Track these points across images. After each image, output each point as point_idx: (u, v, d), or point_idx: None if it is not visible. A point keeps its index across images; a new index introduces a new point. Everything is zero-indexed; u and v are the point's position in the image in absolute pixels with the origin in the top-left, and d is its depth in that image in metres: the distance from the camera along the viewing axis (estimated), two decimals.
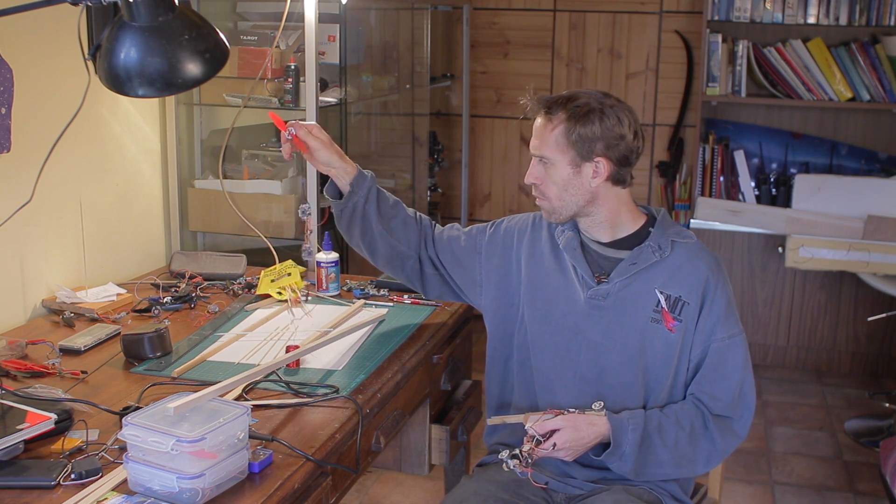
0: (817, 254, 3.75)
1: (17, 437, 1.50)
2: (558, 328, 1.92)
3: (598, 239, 1.92)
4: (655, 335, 1.85)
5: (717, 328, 1.85)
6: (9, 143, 2.11)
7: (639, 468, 1.80)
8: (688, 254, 1.88)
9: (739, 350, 1.86)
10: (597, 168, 1.83)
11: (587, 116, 1.80)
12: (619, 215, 1.90)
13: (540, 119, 1.85)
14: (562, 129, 1.81)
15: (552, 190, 1.85)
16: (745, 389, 1.87)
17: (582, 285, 1.89)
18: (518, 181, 4.60)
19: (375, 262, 2.10)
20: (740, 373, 1.86)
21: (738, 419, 1.87)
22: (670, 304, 1.85)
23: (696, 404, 1.86)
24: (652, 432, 1.79)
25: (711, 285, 1.86)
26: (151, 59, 1.62)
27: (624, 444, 1.77)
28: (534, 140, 1.86)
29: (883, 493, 3.04)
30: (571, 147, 1.81)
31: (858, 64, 3.87)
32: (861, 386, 4.14)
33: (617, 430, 1.77)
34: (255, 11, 3.09)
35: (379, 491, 3.18)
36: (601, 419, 1.78)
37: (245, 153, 3.07)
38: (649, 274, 1.86)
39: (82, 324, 2.22)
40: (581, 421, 1.77)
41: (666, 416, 1.83)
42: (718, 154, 4.08)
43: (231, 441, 1.44)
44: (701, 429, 1.84)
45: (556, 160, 1.82)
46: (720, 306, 1.86)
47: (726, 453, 1.88)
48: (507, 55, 4.52)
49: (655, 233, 1.89)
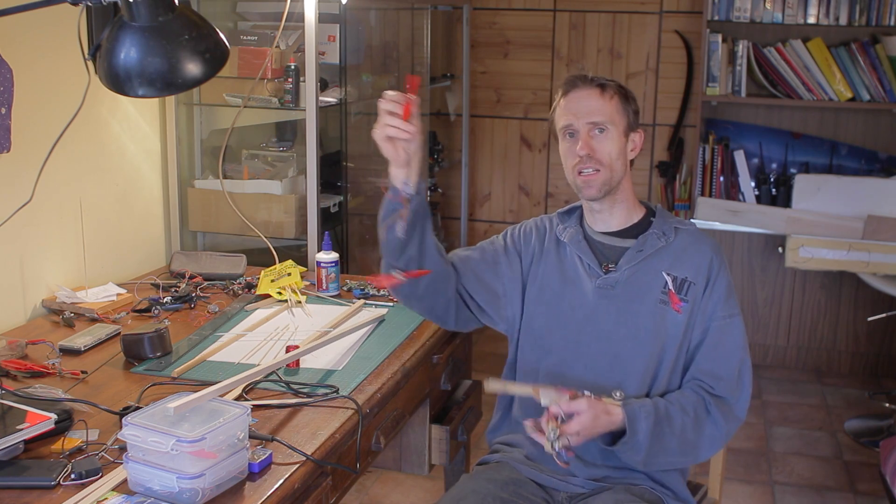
0: (817, 254, 3.75)
1: (17, 437, 1.50)
2: (566, 322, 1.92)
3: (606, 229, 1.95)
4: (664, 317, 1.87)
5: (719, 307, 1.88)
6: (9, 143, 2.11)
7: (649, 457, 1.80)
8: (690, 238, 1.93)
9: (739, 330, 1.90)
10: (635, 140, 1.94)
11: (630, 92, 1.95)
12: (633, 198, 1.97)
13: (590, 90, 1.90)
14: (619, 99, 1.90)
15: (607, 158, 1.88)
16: (743, 370, 1.90)
17: (590, 276, 1.92)
18: (518, 181, 4.60)
19: (418, 291, 1.95)
20: (740, 353, 1.89)
21: (736, 402, 1.88)
22: (677, 286, 1.88)
23: (696, 390, 1.87)
24: (662, 419, 1.79)
25: (716, 266, 1.90)
26: (151, 59, 1.62)
27: (639, 433, 1.76)
28: (584, 110, 1.88)
29: (883, 493, 3.04)
30: (626, 116, 1.91)
31: (858, 64, 3.87)
32: (861, 386, 4.14)
33: (631, 418, 1.76)
34: (255, 11, 3.09)
35: (379, 491, 3.18)
36: (618, 409, 1.76)
37: (245, 153, 3.07)
38: (656, 259, 1.90)
39: (82, 324, 2.22)
40: (600, 408, 1.75)
41: (671, 403, 1.83)
42: (718, 154, 4.08)
43: (231, 441, 1.44)
44: (704, 414, 1.84)
45: (614, 128, 1.89)
46: (722, 287, 1.89)
47: (729, 436, 1.89)
48: (507, 55, 4.52)
49: (658, 221, 1.95)
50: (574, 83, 1.91)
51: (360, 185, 3.60)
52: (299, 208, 2.86)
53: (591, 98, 1.89)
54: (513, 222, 2.21)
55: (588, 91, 1.89)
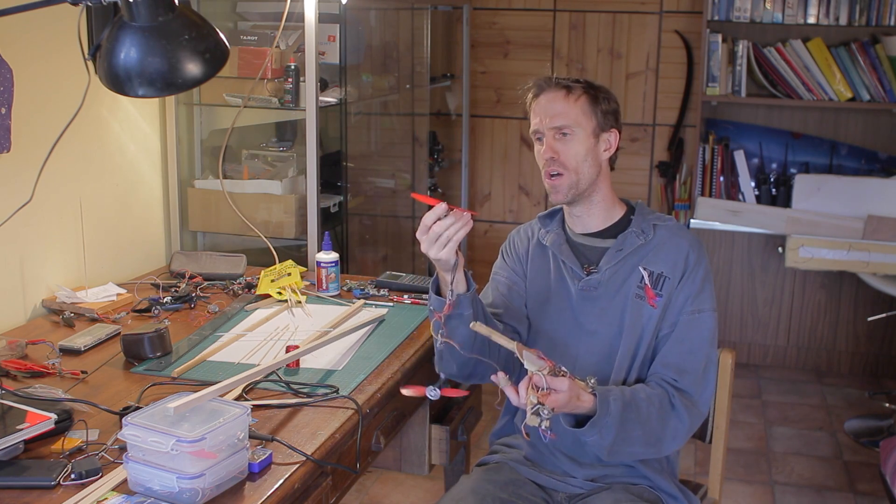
0: (817, 254, 3.75)
1: (17, 437, 1.50)
2: (553, 325, 1.94)
3: (586, 231, 1.95)
4: (640, 311, 1.87)
5: (689, 302, 1.87)
6: (9, 143, 2.11)
7: (615, 444, 1.75)
8: (669, 233, 1.93)
9: (707, 326, 1.88)
10: (609, 140, 1.91)
11: (603, 90, 1.92)
12: (612, 198, 1.96)
13: (555, 93, 1.89)
14: (586, 99, 1.88)
15: (572, 161, 1.87)
16: (708, 366, 1.89)
17: (573, 278, 1.93)
18: (518, 181, 4.60)
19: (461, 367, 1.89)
20: (706, 348, 1.88)
21: (699, 397, 1.87)
22: (653, 281, 1.88)
23: (659, 383, 1.85)
24: (629, 405, 1.75)
25: (692, 261, 1.89)
26: (151, 59, 1.62)
27: (610, 415, 1.71)
28: (548, 114, 1.88)
29: (883, 493, 3.04)
30: (594, 117, 1.88)
31: (858, 64, 3.87)
32: (861, 386, 4.14)
33: (602, 400, 1.72)
34: (255, 11, 3.09)
35: (379, 491, 3.18)
36: (588, 395, 1.71)
37: (245, 153, 3.07)
38: (635, 257, 1.91)
39: (82, 324, 2.22)
40: (576, 391, 1.69)
41: (636, 392, 1.80)
42: (718, 154, 4.08)
43: (231, 441, 1.44)
44: (668, 407, 1.82)
45: (580, 130, 1.87)
46: (695, 281, 1.88)
47: (692, 431, 1.87)
48: (507, 55, 4.52)
49: (637, 219, 1.95)
50: (541, 86, 1.91)
51: (360, 185, 3.61)
52: (299, 208, 2.86)
53: (555, 101, 1.88)
54: (513, 222, 2.21)
55: (553, 94, 1.89)
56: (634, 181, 4.43)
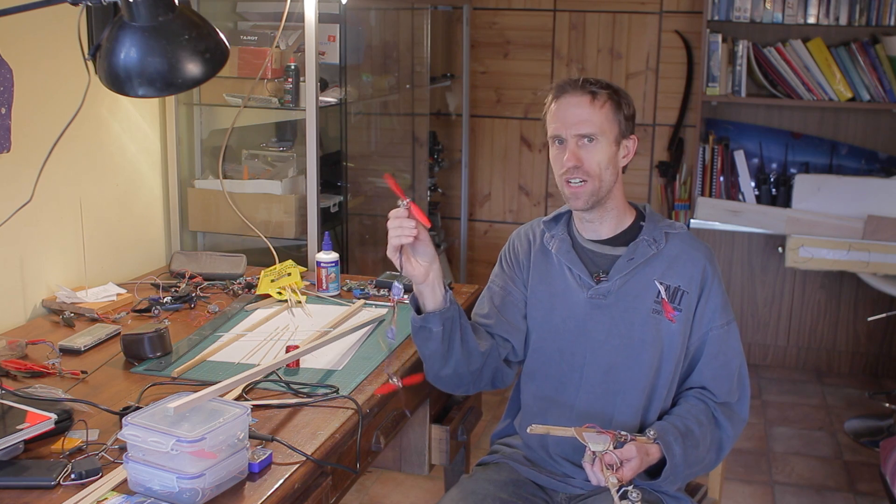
0: (817, 254, 3.75)
1: (17, 437, 1.50)
2: (559, 333, 1.91)
3: (596, 237, 1.92)
4: (658, 327, 1.85)
5: (717, 316, 1.87)
6: (9, 143, 2.11)
7: (685, 477, 1.83)
8: (682, 244, 1.90)
9: (735, 335, 1.90)
10: (628, 146, 1.88)
11: (624, 95, 1.87)
12: (624, 204, 1.92)
13: (579, 97, 1.83)
14: (610, 106, 1.83)
15: (595, 169, 1.82)
16: (742, 372, 1.91)
17: (581, 286, 1.89)
18: (518, 181, 4.60)
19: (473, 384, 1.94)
20: (739, 357, 1.90)
21: (738, 403, 1.89)
22: (670, 295, 1.85)
23: (699, 397, 1.87)
24: (686, 437, 1.78)
25: (710, 274, 1.88)
26: (151, 59, 1.62)
27: (676, 456, 1.75)
28: (572, 120, 1.82)
29: (883, 493, 3.04)
30: (617, 124, 1.84)
31: (858, 64, 3.87)
32: (861, 386, 4.14)
33: (667, 447, 1.74)
34: (255, 11, 3.09)
35: (379, 491, 3.18)
36: (655, 447, 1.74)
37: (245, 153, 3.07)
38: (648, 267, 1.87)
39: (82, 324, 2.22)
40: (643, 450, 1.72)
41: (685, 419, 1.82)
42: (718, 154, 4.08)
43: (231, 441, 1.44)
44: (712, 421, 1.86)
45: (603, 137, 1.83)
46: (717, 294, 1.88)
47: (736, 438, 1.90)
48: (507, 55, 4.52)
49: (647, 226, 1.90)
50: (564, 88, 1.84)
51: (360, 185, 3.60)
52: (299, 208, 2.86)
53: (580, 106, 1.82)
54: (513, 222, 2.21)
55: (578, 98, 1.82)
56: (634, 181, 4.43)
